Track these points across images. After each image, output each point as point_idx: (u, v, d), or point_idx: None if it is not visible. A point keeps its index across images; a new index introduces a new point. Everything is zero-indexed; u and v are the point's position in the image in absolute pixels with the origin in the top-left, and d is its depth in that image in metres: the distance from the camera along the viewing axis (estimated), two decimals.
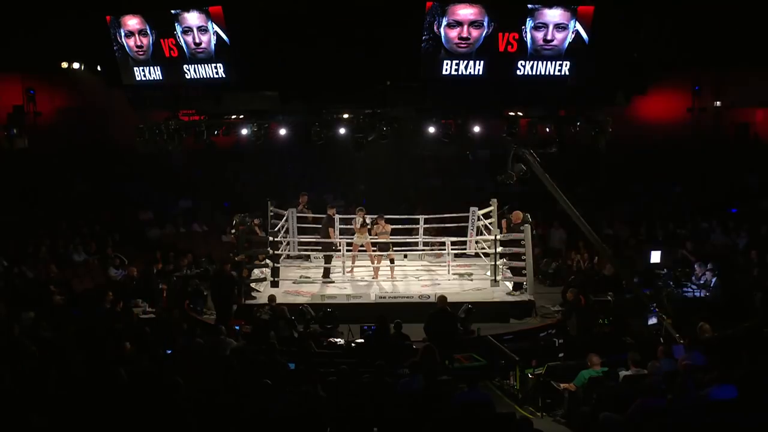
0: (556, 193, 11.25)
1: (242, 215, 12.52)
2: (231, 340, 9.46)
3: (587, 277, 12.67)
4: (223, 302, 10.98)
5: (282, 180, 18.30)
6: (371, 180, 18.59)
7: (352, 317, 10.95)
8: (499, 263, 12.53)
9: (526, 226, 12.05)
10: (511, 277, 12.53)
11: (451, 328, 9.82)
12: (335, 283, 12.82)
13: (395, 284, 12.81)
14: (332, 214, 13.40)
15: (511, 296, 12.14)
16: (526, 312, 11.69)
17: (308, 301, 11.61)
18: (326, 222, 13.31)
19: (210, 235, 16.92)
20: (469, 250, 14.07)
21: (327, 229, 13.17)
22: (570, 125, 11.92)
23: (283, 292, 12.32)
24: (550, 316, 11.66)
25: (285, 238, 13.65)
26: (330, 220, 13.38)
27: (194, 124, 12.39)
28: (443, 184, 19.37)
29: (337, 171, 18.43)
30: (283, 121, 12.62)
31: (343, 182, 19.19)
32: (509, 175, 11.80)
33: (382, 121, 11.91)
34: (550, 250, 15.15)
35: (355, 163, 17.15)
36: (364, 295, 11.98)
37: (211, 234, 16.97)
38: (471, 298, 11.64)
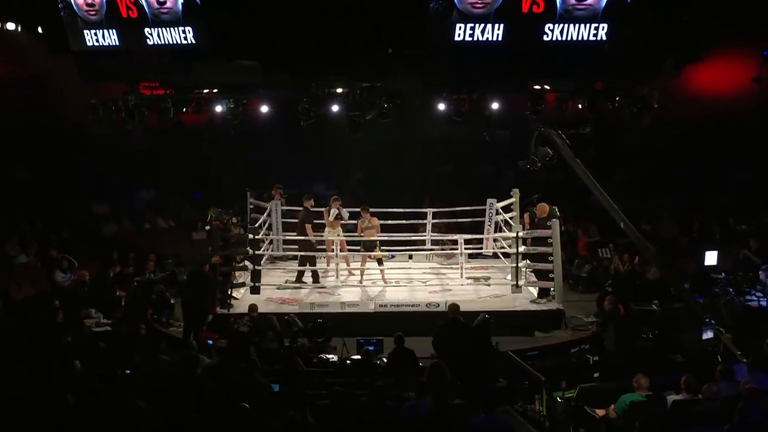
0: (589, 181, 11.28)
1: (219, 210, 12.58)
2: (203, 357, 9.48)
3: (628, 282, 12.72)
4: (196, 311, 11.03)
5: (264, 167, 18.39)
6: (370, 167, 18.73)
7: (347, 329, 11.05)
8: (521, 265, 12.57)
9: (553, 222, 12.08)
10: (535, 282, 12.57)
11: (465, 343, 9.85)
12: (326, 289, 12.94)
13: (398, 291, 12.91)
14: (310, 206, 13.44)
15: (536, 304, 12.19)
16: (554, 323, 11.75)
17: (295, 311, 11.67)
18: (303, 216, 13.33)
19: (178, 233, 17.02)
20: (485, 250, 14.16)
21: (303, 225, 13.19)
22: (607, 101, 11.95)
23: (265, 300, 12.39)
24: (582, 329, 11.73)
25: (267, 236, 13.71)
26: (308, 214, 13.41)
27: (158, 100, 12.41)
28: (455, 171, 19.47)
29: (330, 156, 18.51)
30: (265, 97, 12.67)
31: (337, 169, 19.28)
32: (533, 161, 11.84)
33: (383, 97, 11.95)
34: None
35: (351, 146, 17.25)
36: (362, 303, 12.03)
37: (180, 231, 17.07)
38: (488, 306, 11.68)
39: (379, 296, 12.56)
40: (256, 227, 12.95)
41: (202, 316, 11.12)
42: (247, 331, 10.41)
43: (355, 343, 10.55)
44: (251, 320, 10.63)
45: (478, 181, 18.30)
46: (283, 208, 14.06)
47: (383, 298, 12.45)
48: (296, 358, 9.62)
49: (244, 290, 12.74)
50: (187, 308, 11.15)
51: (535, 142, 11.75)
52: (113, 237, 16.42)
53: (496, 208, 13.87)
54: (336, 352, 10.69)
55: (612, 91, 11.92)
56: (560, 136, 11.46)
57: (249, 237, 12.63)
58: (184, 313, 11.28)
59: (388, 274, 13.54)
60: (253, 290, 12.51)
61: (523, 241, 12.48)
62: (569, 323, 11.89)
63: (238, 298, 12.44)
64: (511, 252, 12.76)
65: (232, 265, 12.56)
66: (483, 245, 14.04)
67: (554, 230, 12.02)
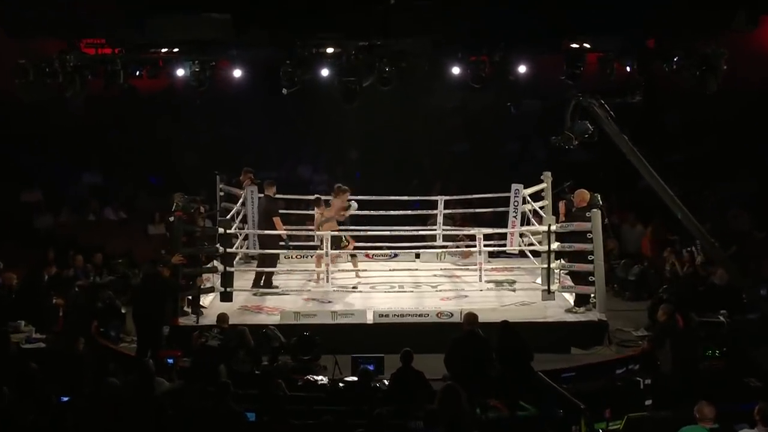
0: (639, 162, 11.28)
1: (186, 197, 12.62)
2: (162, 380, 9.50)
3: (688, 287, 12.72)
4: (153, 323, 11.05)
5: (237, 145, 18.39)
6: (368, 145, 18.70)
7: (340, 344, 11.10)
8: (554, 266, 12.60)
9: (594, 212, 12.08)
10: (572, 287, 12.61)
11: (484, 361, 9.91)
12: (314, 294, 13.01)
13: (402, 297, 12.94)
14: (272, 194, 13.50)
15: (573, 314, 12.22)
16: (596, 338, 11.76)
17: (275, 321, 11.69)
18: (266, 206, 13.39)
19: (130, 226, 17.03)
20: (510, 248, 14.15)
21: (269, 218, 13.26)
22: (663, 62, 11.95)
23: (239, 309, 12.42)
24: (631, 345, 11.72)
25: (241, 230, 13.74)
26: (272, 203, 13.46)
27: (105, 61, 12.39)
28: (473, 150, 19.43)
29: (319, 132, 18.51)
30: (239, 58, 12.67)
31: (327, 149, 19.27)
32: (569, 138, 11.84)
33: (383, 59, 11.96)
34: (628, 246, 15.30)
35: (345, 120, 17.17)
36: (358, 313, 12.04)
37: (133, 224, 17.09)
38: (514, 317, 11.48)
39: (379, 304, 12.55)
40: (228, 219, 12.96)
41: (160, 328, 11.12)
42: (217, 346, 10.44)
43: (349, 362, 10.55)
44: (221, 333, 10.65)
45: (501, 163, 18.28)
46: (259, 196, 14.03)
47: (384, 306, 12.44)
48: (277, 380, 9.61)
49: (212, 297, 12.75)
50: (142, 319, 11.15)
51: (571, 115, 11.76)
52: (48, 231, 16.45)
53: (524, 195, 13.87)
54: (326, 372, 10.70)
55: (668, 49, 11.91)
56: (604, 107, 11.46)
57: (219, 231, 12.63)
58: (137, 325, 11.28)
59: (390, 276, 13.60)
60: (224, 297, 12.53)
61: (556, 236, 12.49)
62: (614, 338, 11.87)
63: (206, 307, 12.45)
64: (541, 250, 12.76)
65: (198, 266, 12.57)
66: (507, 241, 14.04)
67: (595, 223, 12.00)
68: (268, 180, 13.69)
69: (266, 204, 13.37)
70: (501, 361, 9.92)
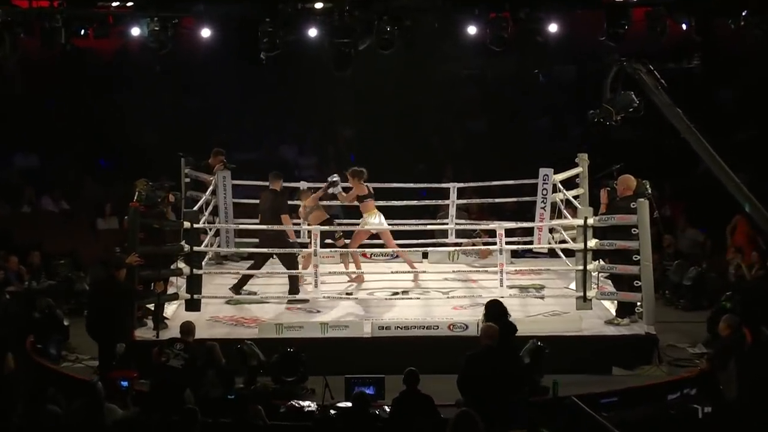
0: (696, 142, 11.22)
1: (151, 184, 12.54)
2: (113, 407, 9.42)
3: (757, 294, 12.69)
4: (103, 338, 10.98)
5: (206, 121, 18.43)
6: (364, 121, 18.72)
7: (331, 363, 11.12)
8: (591, 267, 12.51)
9: (641, 203, 12.02)
10: (613, 293, 12.55)
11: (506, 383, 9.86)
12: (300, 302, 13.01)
13: (407, 305, 12.90)
14: (280, 188, 13.47)
15: (615, 327, 12.20)
16: (643, 356, 11.74)
17: (253, 335, 11.66)
18: (274, 202, 13.36)
19: (75, 219, 17.01)
20: (537, 245, 14.17)
21: (277, 216, 13.25)
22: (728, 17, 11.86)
23: (209, 320, 12.42)
24: (686, 364, 11.73)
25: (211, 224, 13.74)
26: (281, 198, 13.45)
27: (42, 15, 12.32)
28: (492, 127, 19.46)
29: (304, 106, 18.52)
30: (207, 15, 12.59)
31: (315, 125, 19.31)
32: (609, 112, 11.80)
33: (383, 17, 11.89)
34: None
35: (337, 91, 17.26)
36: (353, 325, 12.03)
37: (77, 217, 17.08)
38: (542, 330, 11.65)
39: (378, 313, 12.56)
40: (195, 211, 12.92)
41: (112, 344, 11.06)
42: (180, 366, 10.36)
43: (343, 384, 10.52)
44: (185, 350, 10.55)
45: (526, 143, 18.26)
46: (233, 183, 14.09)
47: (385, 316, 12.45)
48: (255, 406, 9.57)
49: (176, 305, 12.72)
50: (92, 333, 11.11)
51: (613, 84, 11.71)
52: None
53: (555, 182, 13.82)
54: (315, 397, 10.66)
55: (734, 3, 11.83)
56: (652, 74, 11.40)
57: (184, 226, 12.57)
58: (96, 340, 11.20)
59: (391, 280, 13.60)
60: (191, 305, 12.47)
61: (595, 231, 12.40)
62: (665, 356, 11.86)
63: (169, 318, 12.42)
64: (576, 248, 12.67)
65: (159, 269, 12.49)
66: (534, 238, 14.02)
67: (642, 215, 11.92)
68: (273, 172, 13.61)
69: (273, 200, 13.33)
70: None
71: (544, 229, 13.82)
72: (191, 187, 13.84)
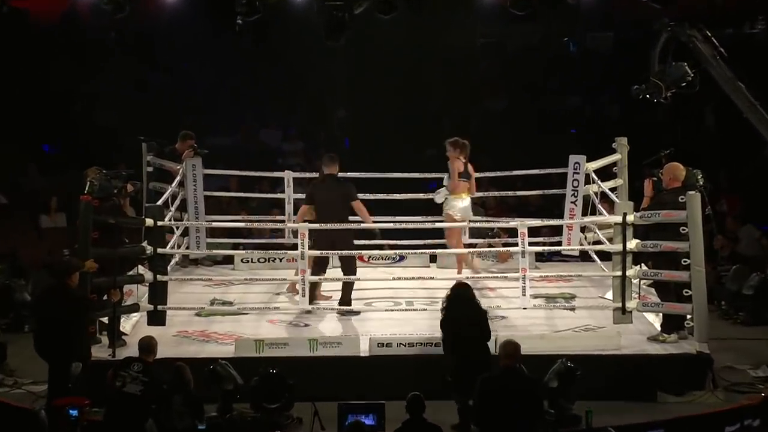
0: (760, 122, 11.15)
1: (105, 173, 12.48)
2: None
3: None
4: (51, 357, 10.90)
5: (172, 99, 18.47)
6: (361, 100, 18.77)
7: (321, 386, 11.12)
8: (632, 273, 12.49)
9: (691, 196, 11.99)
10: (658, 304, 12.51)
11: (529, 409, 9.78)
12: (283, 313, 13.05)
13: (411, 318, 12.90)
14: (336, 171, 13.44)
15: (659, 344, 12.16)
16: (694, 379, 11.68)
17: (229, 354, 11.63)
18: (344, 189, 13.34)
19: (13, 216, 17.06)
20: (567, 247, 14.14)
21: (349, 205, 13.24)
22: None
23: (175, 336, 12.43)
24: (746, 390, 11.64)
25: (179, 221, 13.79)
26: (347, 184, 13.44)
27: None
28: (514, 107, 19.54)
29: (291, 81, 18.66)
30: None
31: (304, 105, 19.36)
32: (657, 87, 11.77)
33: None
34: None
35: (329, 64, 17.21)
36: (348, 341, 12.01)
37: (17, 213, 17.14)
38: (573, 348, 11.64)
39: (377, 328, 12.57)
40: (159, 206, 12.92)
41: (61, 365, 10.98)
42: (140, 392, 10.31)
43: (335, 411, 10.42)
44: (145, 372, 10.50)
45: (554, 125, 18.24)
46: (205, 172, 14.10)
47: (385, 330, 12.45)
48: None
49: (137, 318, 12.74)
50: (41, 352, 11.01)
51: (661, 54, 11.65)
52: None
53: (588, 170, 13.81)
54: (302, 427, 10.68)
55: None
56: (709, 42, 11.35)
57: (146, 223, 12.56)
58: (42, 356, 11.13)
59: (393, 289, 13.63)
60: (154, 318, 12.48)
61: (636, 230, 12.39)
62: (721, 379, 11.78)
63: (128, 333, 12.38)
64: (613, 250, 12.63)
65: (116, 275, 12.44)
66: (563, 238, 13.98)
67: (692, 210, 11.89)
68: (328, 155, 13.54)
69: (340, 187, 13.31)
70: None
71: (575, 228, 13.75)
72: (155, 177, 13.87)
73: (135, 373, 10.39)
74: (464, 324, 10.68)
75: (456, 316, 10.76)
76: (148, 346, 10.71)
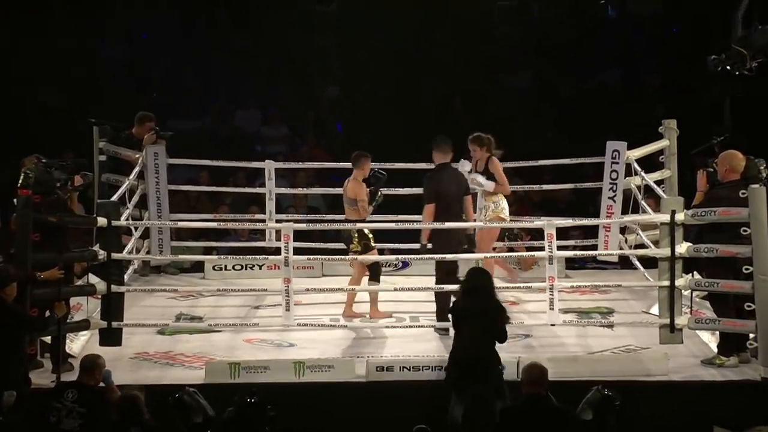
0: None
1: (46, 161, 12.46)
2: None
3: None
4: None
5: (129, 74, 18.62)
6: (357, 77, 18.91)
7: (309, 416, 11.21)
8: (682, 283, 12.54)
9: (754, 190, 11.97)
10: (714, 321, 12.48)
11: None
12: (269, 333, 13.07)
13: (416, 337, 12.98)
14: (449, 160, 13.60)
15: (716, 368, 12.15)
16: (757, 411, 11.51)
17: (197, 381, 11.54)
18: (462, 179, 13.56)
19: None
20: (604, 251, 14.27)
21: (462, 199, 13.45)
22: None
23: (133, 358, 12.45)
24: None
25: (138, 221, 13.83)
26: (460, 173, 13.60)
27: None
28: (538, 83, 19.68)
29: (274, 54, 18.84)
30: None
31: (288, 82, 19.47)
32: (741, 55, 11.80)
33: None
34: None
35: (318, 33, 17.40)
36: (341, 364, 12.01)
37: None
38: (611, 373, 11.58)
39: (377, 348, 12.71)
40: (114, 202, 12.94)
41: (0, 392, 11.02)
42: (78, 427, 10.30)
43: None
44: (85, 401, 10.49)
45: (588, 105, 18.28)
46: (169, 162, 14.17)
47: (386, 351, 12.60)
48: None
49: (86, 337, 12.77)
50: None
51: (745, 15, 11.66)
52: None
53: (629, 161, 13.88)
54: None
55: None
56: None
57: (99, 223, 12.53)
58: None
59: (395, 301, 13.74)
60: (107, 337, 12.51)
61: (687, 231, 12.41)
62: None
63: (75, 356, 12.33)
64: (660, 255, 12.66)
65: (60, 284, 12.43)
66: (599, 241, 14.13)
67: (755, 208, 11.85)
68: (442, 139, 13.55)
69: (458, 178, 13.48)
70: None
71: (614, 228, 13.82)
72: (108, 167, 13.95)
73: (70, 404, 10.32)
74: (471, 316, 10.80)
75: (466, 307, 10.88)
76: (92, 366, 10.57)
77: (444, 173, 13.48)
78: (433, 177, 13.53)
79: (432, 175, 13.54)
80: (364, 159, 13.54)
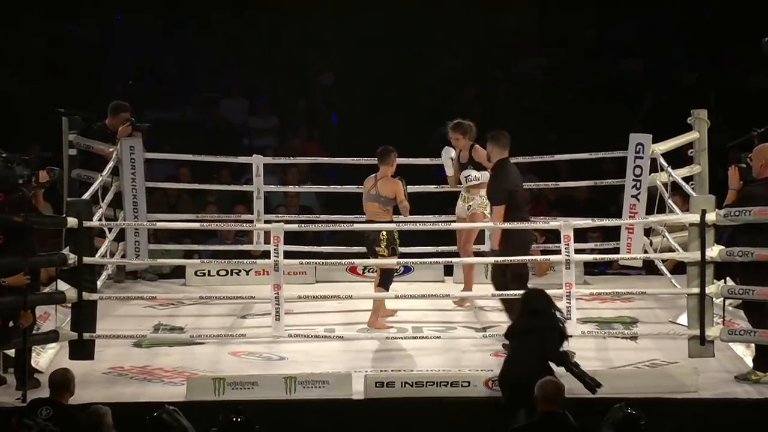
0: None
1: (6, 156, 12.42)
2: None
3: None
4: None
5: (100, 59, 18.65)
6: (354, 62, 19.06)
7: None
8: (714, 290, 12.52)
9: None
10: (749, 332, 12.47)
11: None
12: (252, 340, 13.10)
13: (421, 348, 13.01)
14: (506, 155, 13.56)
15: (751, 384, 12.11)
16: None
17: (179, 398, 11.56)
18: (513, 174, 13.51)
19: None
20: (626, 255, 14.32)
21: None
22: None
23: (107, 373, 12.43)
24: None
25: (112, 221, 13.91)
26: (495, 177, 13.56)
27: None
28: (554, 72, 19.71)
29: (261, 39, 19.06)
30: None
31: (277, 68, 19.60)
32: None
33: None
34: None
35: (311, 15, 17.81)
36: (336, 380, 11.97)
37: None
38: (634, 389, 11.58)
39: (376, 362, 12.75)
40: (85, 201, 12.95)
41: None
42: None
43: None
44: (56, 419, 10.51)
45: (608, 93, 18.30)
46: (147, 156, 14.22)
47: (386, 365, 12.61)
48: None
49: (55, 350, 12.76)
50: None
51: None
52: None
53: (654, 155, 13.94)
54: None
55: None
56: None
57: (68, 224, 12.50)
58: None
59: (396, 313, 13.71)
60: (78, 350, 12.48)
61: (719, 233, 12.43)
62: None
63: (42, 371, 12.34)
64: (688, 259, 12.66)
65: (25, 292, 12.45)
66: (621, 243, 14.19)
67: None
68: (503, 135, 13.35)
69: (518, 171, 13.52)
70: None
71: (637, 230, 13.84)
72: (79, 162, 13.96)
73: (43, 421, 10.36)
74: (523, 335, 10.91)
75: (522, 327, 10.99)
76: (63, 382, 10.62)
77: (512, 170, 13.43)
78: (500, 175, 13.38)
79: (500, 173, 13.37)
80: (392, 154, 13.58)
